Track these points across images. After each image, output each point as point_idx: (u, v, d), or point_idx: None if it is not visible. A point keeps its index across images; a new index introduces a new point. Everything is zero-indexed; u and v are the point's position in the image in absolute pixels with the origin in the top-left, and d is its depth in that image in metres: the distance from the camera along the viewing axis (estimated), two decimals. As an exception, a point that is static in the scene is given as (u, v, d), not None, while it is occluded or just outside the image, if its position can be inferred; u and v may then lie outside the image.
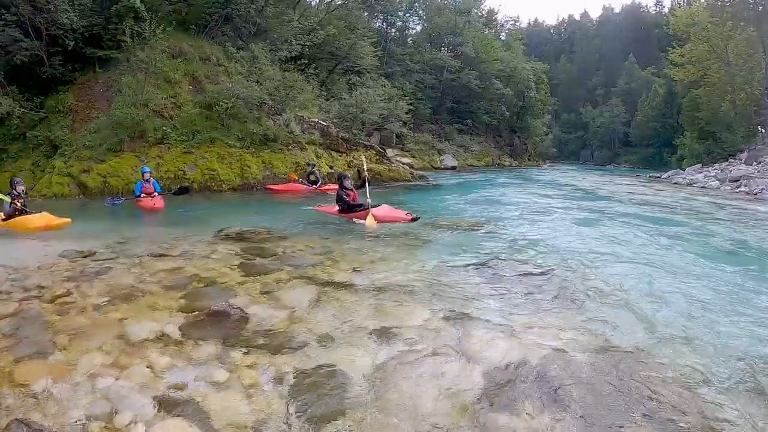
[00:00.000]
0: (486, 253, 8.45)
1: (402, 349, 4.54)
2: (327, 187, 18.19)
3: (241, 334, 4.76)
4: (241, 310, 5.36)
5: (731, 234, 12.17)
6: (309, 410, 3.52)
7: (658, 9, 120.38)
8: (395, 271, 7.10)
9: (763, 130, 48.54)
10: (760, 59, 52.53)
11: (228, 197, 16.70)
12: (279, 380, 3.92)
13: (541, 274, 7.27)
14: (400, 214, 11.56)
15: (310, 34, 27.92)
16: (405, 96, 35.06)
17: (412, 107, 34.80)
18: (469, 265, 7.65)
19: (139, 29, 17.18)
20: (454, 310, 5.54)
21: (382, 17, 47.31)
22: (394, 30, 50.06)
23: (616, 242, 10.19)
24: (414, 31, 54.15)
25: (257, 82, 20.22)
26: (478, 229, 11.11)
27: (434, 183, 23.47)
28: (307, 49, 27.19)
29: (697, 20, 60.78)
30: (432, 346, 4.59)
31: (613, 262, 8.21)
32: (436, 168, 35.68)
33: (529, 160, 62.01)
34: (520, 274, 7.21)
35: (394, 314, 5.37)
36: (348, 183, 12.36)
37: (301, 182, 18.23)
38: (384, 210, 11.74)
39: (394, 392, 3.81)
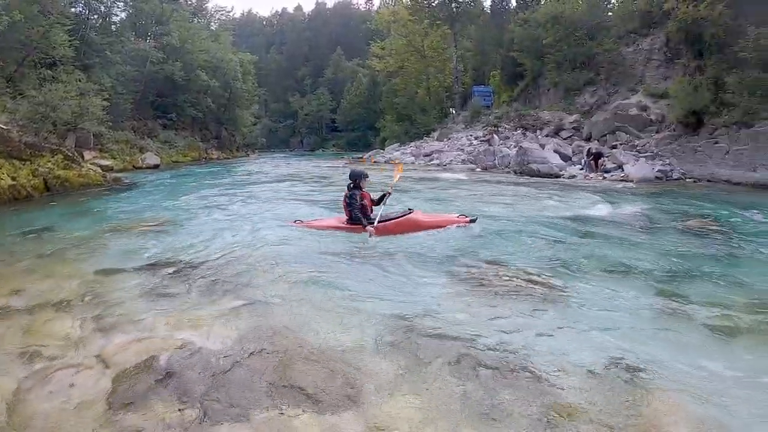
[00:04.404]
0: (156, 254, 8.68)
1: (40, 366, 4.54)
2: None
3: None
4: None
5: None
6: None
7: (367, 7, 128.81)
8: (58, 285, 6.95)
9: (454, 111, 57.64)
10: (452, 52, 62.82)
11: None
12: None
13: (206, 268, 7.68)
14: (450, 217, 10.28)
15: (-9, 21, 24.24)
16: (103, 90, 33.01)
17: (109, 102, 32.74)
18: (134, 268, 7.78)
19: None
20: (102, 317, 5.67)
21: (83, 1, 42.55)
22: (96, 16, 45.65)
23: (291, 227, 10.83)
24: (118, 18, 50.25)
25: None
26: (155, 230, 11.05)
27: (130, 184, 22.58)
28: (-13, 39, 24.26)
29: (398, 17, 66.93)
30: (70, 359, 4.68)
31: (280, 246, 8.96)
32: (137, 167, 33.95)
33: (237, 151, 62.52)
34: (182, 270, 7.58)
35: (43, 331, 5.33)
36: (365, 184, 10.01)
37: None
38: (426, 215, 10.34)
39: (26, 413, 3.85)
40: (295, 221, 10.69)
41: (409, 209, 10.24)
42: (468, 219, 10.11)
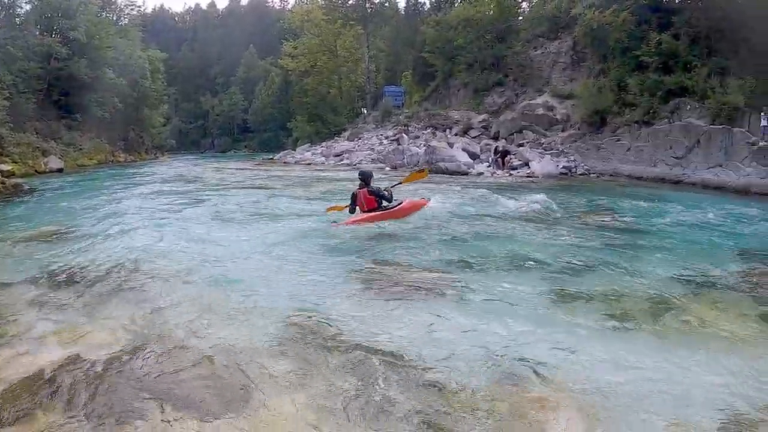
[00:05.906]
0: (50, 264, 8.32)
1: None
2: None
3: None
4: None
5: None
6: None
7: (282, 5, 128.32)
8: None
9: (365, 111, 57.84)
10: (364, 52, 64.23)
11: None
12: None
13: (100, 277, 7.42)
14: (419, 201, 12.50)
15: None
16: (4, 89, 31.48)
17: (10, 102, 31.08)
18: (25, 279, 7.50)
19: None
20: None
21: (-15, -8, 38.57)
22: (-1, 8, 42.70)
23: (187, 229, 11.12)
24: (23, 10, 45.91)
25: None
26: (51, 240, 10.51)
27: (30, 190, 21.20)
28: None
29: (312, 17, 67.20)
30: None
31: (179, 252, 8.90)
32: (40, 172, 31.65)
33: (146, 153, 59.81)
34: (75, 281, 7.33)
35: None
36: (372, 181, 11.45)
37: None
38: (412, 200, 12.34)
39: None
40: (333, 223, 10.95)
41: (398, 202, 11.50)
42: (427, 200, 12.50)
